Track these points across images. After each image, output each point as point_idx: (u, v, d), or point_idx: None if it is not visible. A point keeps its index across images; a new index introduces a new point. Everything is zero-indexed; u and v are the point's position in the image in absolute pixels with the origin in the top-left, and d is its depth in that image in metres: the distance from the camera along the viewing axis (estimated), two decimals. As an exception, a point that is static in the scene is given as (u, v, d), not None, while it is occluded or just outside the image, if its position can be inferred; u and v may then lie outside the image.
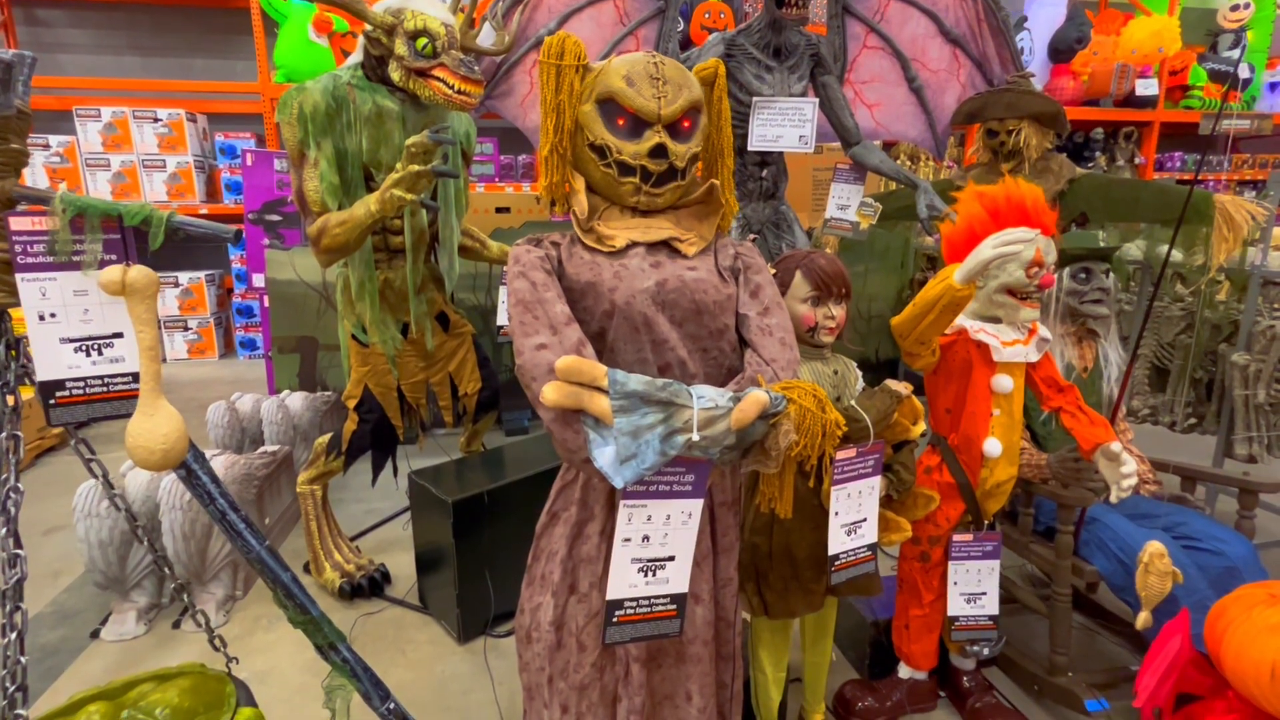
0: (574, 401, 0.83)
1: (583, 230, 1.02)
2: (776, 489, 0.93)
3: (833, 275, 1.28)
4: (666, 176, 1.03)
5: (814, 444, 0.88)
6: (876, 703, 1.65)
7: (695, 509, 0.90)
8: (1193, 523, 1.63)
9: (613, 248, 1.01)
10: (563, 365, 0.84)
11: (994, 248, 1.22)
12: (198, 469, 1.06)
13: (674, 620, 0.91)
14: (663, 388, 0.84)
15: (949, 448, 1.54)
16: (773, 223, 2.71)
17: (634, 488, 0.85)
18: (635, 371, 1.00)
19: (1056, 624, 1.64)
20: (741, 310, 1.06)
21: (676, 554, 0.90)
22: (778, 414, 0.87)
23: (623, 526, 0.87)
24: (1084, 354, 1.85)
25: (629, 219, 1.05)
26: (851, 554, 1.27)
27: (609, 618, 0.88)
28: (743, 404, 0.84)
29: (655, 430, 0.82)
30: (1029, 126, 2.56)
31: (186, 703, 1.05)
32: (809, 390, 0.90)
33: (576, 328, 0.94)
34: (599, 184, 1.04)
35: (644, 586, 0.89)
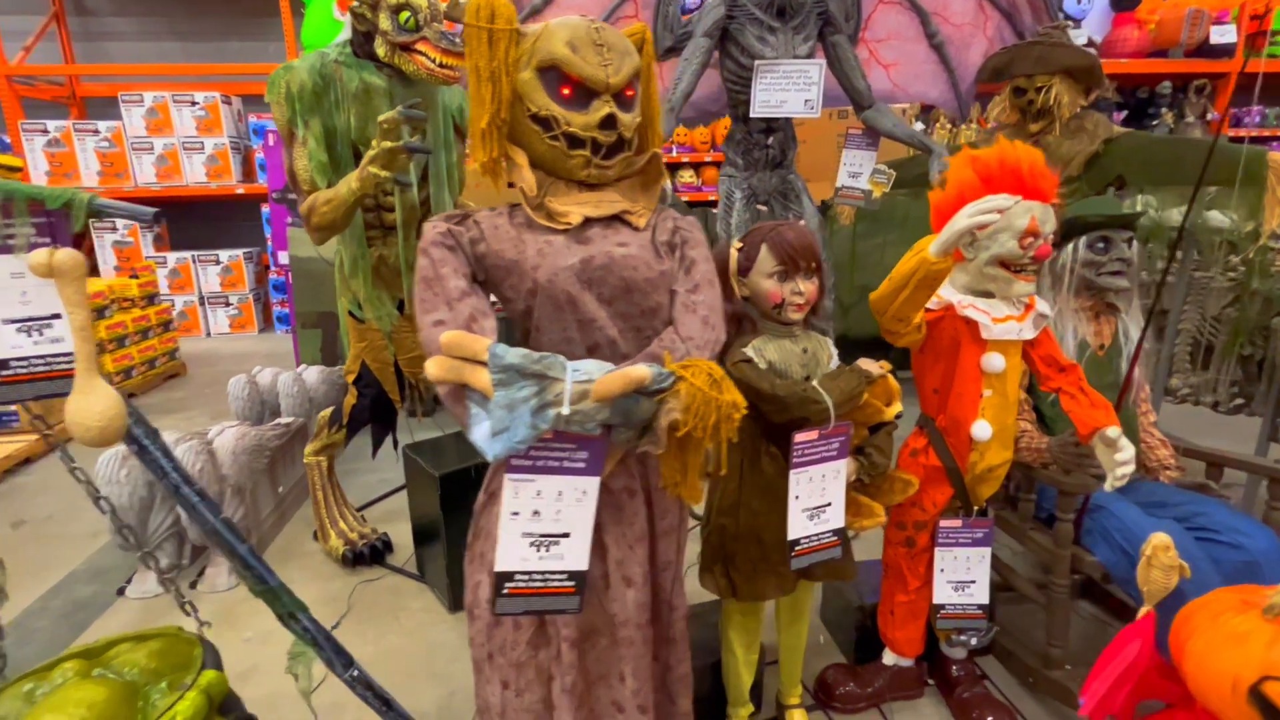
0: (455, 375, 0.81)
1: (533, 208, 0.99)
2: (677, 472, 0.89)
3: (800, 249, 1.21)
4: (615, 148, 0.99)
5: (705, 426, 0.84)
6: (858, 688, 1.61)
7: (590, 487, 0.88)
8: (1213, 513, 1.51)
9: (568, 225, 0.98)
10: (446, 339, 0.82)
11: (969, 216, 1.13)
12: (149, 444, 1.08)
13: (572, 597, 0.90)
14: (538, 360, 0.81)
15: (936, 430, 1.46)
16: (780, 193, 2.61)
17: (520, 462, 0.84)
18: (562, 352, 0.98)
19: (1053, 616, 1.55)
20: (674, 286, 1.02)
21: (572, 531, 0.88)
22: (661, 391, 0.83)
23: (509, 500, 0.86)
24: (1101, 330, 1.71)
25: (578, 194, 1.01)
26: (815, 539, 1.23)
27: (498, 589, 0.87)
28: (607, 377, 0.81)
29: (529, 404, 0.80)
30: (1060, 82, 2.38)
31: (154, 664, 1.09)
32: (704, 369, 0.85)
33: (472, 302, 0.92)
34: (543, 158, 0.99)
35: (536, 561, 0.88)
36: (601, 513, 1.01)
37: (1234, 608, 0.94)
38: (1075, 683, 1.53)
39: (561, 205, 0.98)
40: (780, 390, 1.16)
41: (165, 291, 5.33)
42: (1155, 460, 1.72)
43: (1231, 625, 0.90)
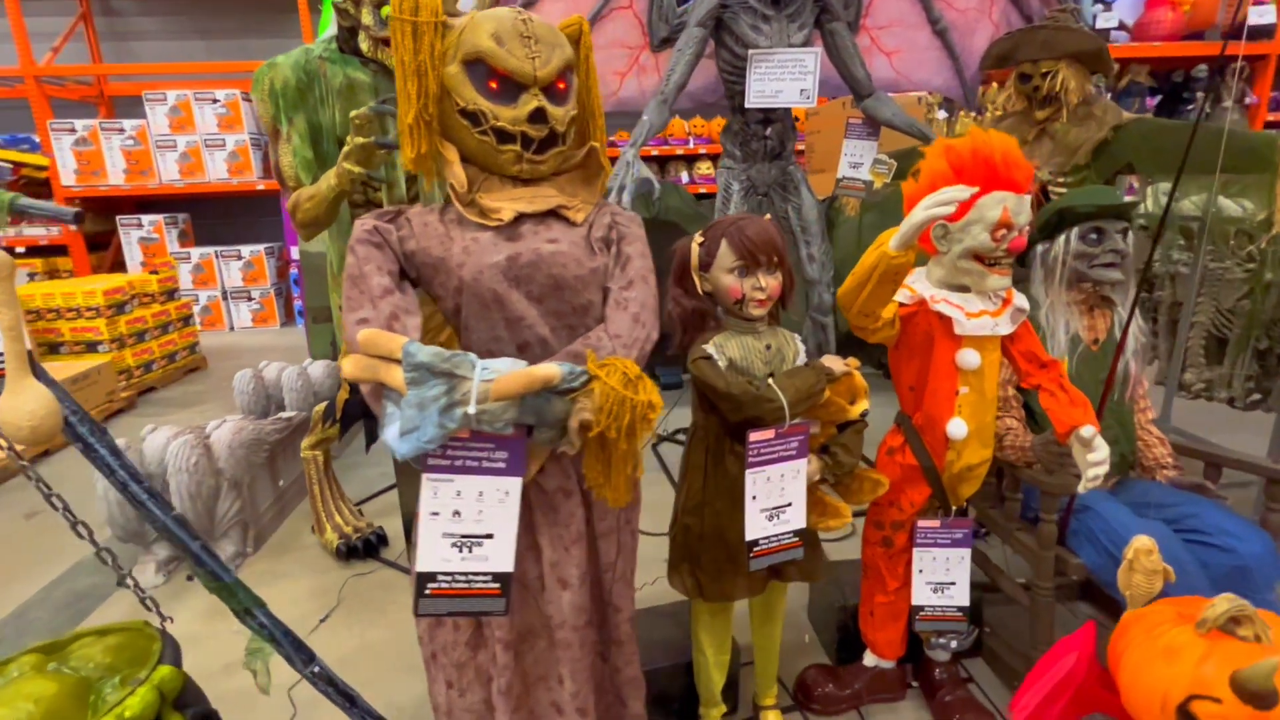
0: (371, 374, 0.82)
1: (464, 205, 0.98)
2: (599, 473, 0.87)
3: (760, 244, 1.19)
4: (548, 142, 0.98)
5: (620, 426, 0.83)
6: (837, 689, 1.59)
7: (512, 488, 0.88)
8: (1205, 514, 1.45)
9: (500, 221, 0.97)
10: (363, 337, 0.83)
11: (925, 209, 1.10)
12: (94, 441, 1.10)
13: (498, 599, 0.89)
14: (448, 358, 0.81)
15: (913, 428, 1.43)
16: (779, 184, 2.57)
17: (437, 462, 0.84)
18: (491, 351, 0.97)
19: (1037, 619, 1.51)
20: (608, 283, 1.00)
21: (495, 532, 0.88)
22: (573, 390, 0.82)
23: (428, 500, 0.85)
24: (1095, 324, 1.65)
25: (511, 189, 1.00)
26: (774, 540, 1.21)
27: (420, 589, 0.87)
28: (506, 376, 0.80)
29: (438, 403, 0.79)
30: (1067, 68, 2.30)
31: (110, 659, 1.11)
32: (620, 368, 0.84)
33: (395, 300, 0.92)
34: (474, 153, 0.99)
35: (459, 562, 0.87)
36: (535, 513, 1.00)
37: (1170, 620, 0.90)
38: (1058, 688, 1.49)
39: (493, 201, 0.97)
40: (734, 389, 1.14)
41: (189, 287, 5.48)
42: (1152, 459, 1.66)
43: (1165, 639, 0.86)
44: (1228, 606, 0.83)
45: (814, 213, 2.57)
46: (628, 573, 1.11)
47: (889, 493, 1.46)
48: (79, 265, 5.27)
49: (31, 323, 3.56)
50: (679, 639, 1.55)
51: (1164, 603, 0.94)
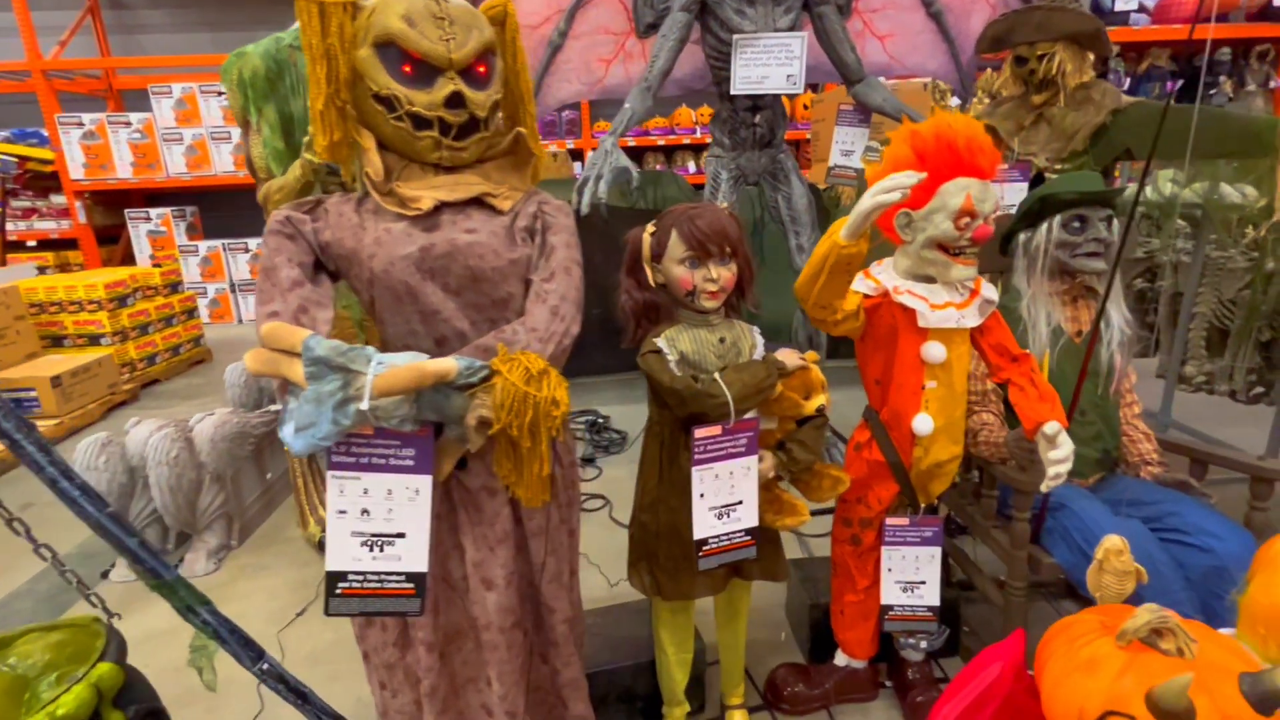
0: (272, 369, 0.80)
1: (381, 194, 0.96)
2: (509, 471, 0.85)
3: (711, 233, 1.15)
4: (468, 128, 0.95)
5: (521, 424, 0.80)
6: (807, 689, 1.56)
7: (423, 485, 0.86)
8: (1186, 513, 1.40)
9: (419, 210, 0.94)
10: (265, 330, 0.81)
11: (872, 196, 1.05)
12: (20, 438, 1.09)
13: (412, 599, 0.87)
14: (344, 352, 0.79)
15: (879, 423, 1.39)
16: (769, 173, 2.52)
17: (341, 459, 0.82)
18: (408, 346, 0.95)
19: (1010, 618, 1.47)
20: (531, 274, 0.98)
21: (407, 531, 0.86)
22: (469, 386, 0.80)
23: (334, 499, 0.84)
24: (1078, 316, 1.59)
25: (433, 177, 0.97)
26: (724, 539, 1.18)
27: (331, 589, 0.86)
28: (392, 371, 0.77)
29: (334, 398, 0.78)
30: (1064, 50, 2.22)
31: (50, 655, 1.11)
32: (523, 363, 0.82)
33: (304, 292, 0.90)
34: (392, 140, 0.95)
35: (370, 561, 0.86)
36: (459, 512, 0.98)
37: (1094, 630, 0.85)
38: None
39: (412, 190, 0.94)
40: (677, 384, 1.11)
41: (197, 280, 5.53)
42: (1136, 455, 1.60)
43: (1087, 650, 0.82)
44: (1148, 618, 0.79)
45: (804, 202, 2.52)
46: (563, 574, 1.09)
47: (856, 489, 1.43)
48: (89, 259, 5.35)
49: (35, 316, 3.61)
50: (645, 636, 1.53)
51: (1091, 611, 0.90)
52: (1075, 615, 0.91)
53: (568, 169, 4.71)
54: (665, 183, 3.82)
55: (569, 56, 2.57)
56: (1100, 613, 0.89)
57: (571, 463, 1.13)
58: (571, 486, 1.12)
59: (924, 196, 1.22)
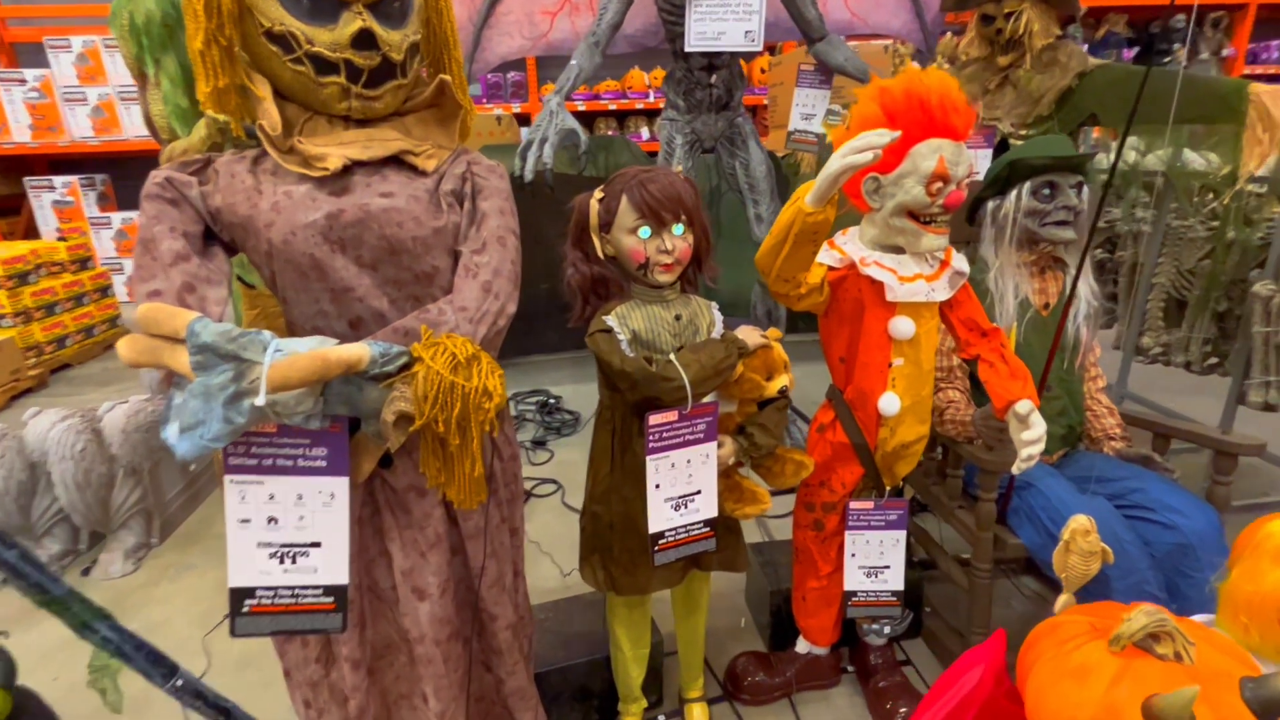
0: (152, 358, 0.67)
1: (280, 151, 0.81)
2: (438, 470, 0.74)
3: (665, 199, 1.04)
4: (381, 74, 0.81)
5: (447, 418, 0.69)
6: (768, 678, 1.50)
7: (339, 489, 0.75)
8: (1150, 489, 1.36)
9: (325, 171, 0.80)
10: (141, 313, 0.68)
11: (841, 158, 0.95)
12: None
13: (333, 615, 0.78)
14: (235, 338, 0.67)
15: (844, 403, 1.31)
16: (727, 138, 2.40)
17: (240, 461, 0.71)
18: (317, 329, 0.82)
19: (975, 601, 1.42)
20: (459, 245, 0.85)
21: (323, 539, 0.76)
22: (386, 376, 0.69)
23: (234, 506, 0.73)
24: (1045, 288, 1.54)
25: (341, 131, 0.83)
26: (682, 531, 1.09)
27: (237, 607, 0.75)
28: (287, 361, 0.66)
29: (225, 391, 0.65)
30: (1031, 9, 2.15)
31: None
32: (449, 349, 0.70)
33: (189, 267, 0.77)
34: (291, 87, 0.81)
35: (281, 575, 0.76)
36: (385, 515, 0.87)
37: (1084, 633, 0.79)
38: (995, 673, 1.42)
39: (317, 147, 0.81)
40: (628, 366, 1.01)
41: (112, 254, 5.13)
42: (1100, 430, 1.57)
43: (1077, 656, 0.76)
44: (1145, 621, 0.72)
45: (763, 169, 2.41)
46: (505, 577, 0.99)
47: (819, 473, 1.36)
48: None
49: (-72, 294, 3.28)
50: (599, 630, 1.44)
51: (1079, 610, 0.84)
52: (1063, 615, 0.85)
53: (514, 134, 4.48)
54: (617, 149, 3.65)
55: (509, 8, 2.38)
56: (1090, 613, 0.83)
57: (513, 455, 1.02)
58: (514, 481, 1.02)
59: (893, 159, 1.13)
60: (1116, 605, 0.80)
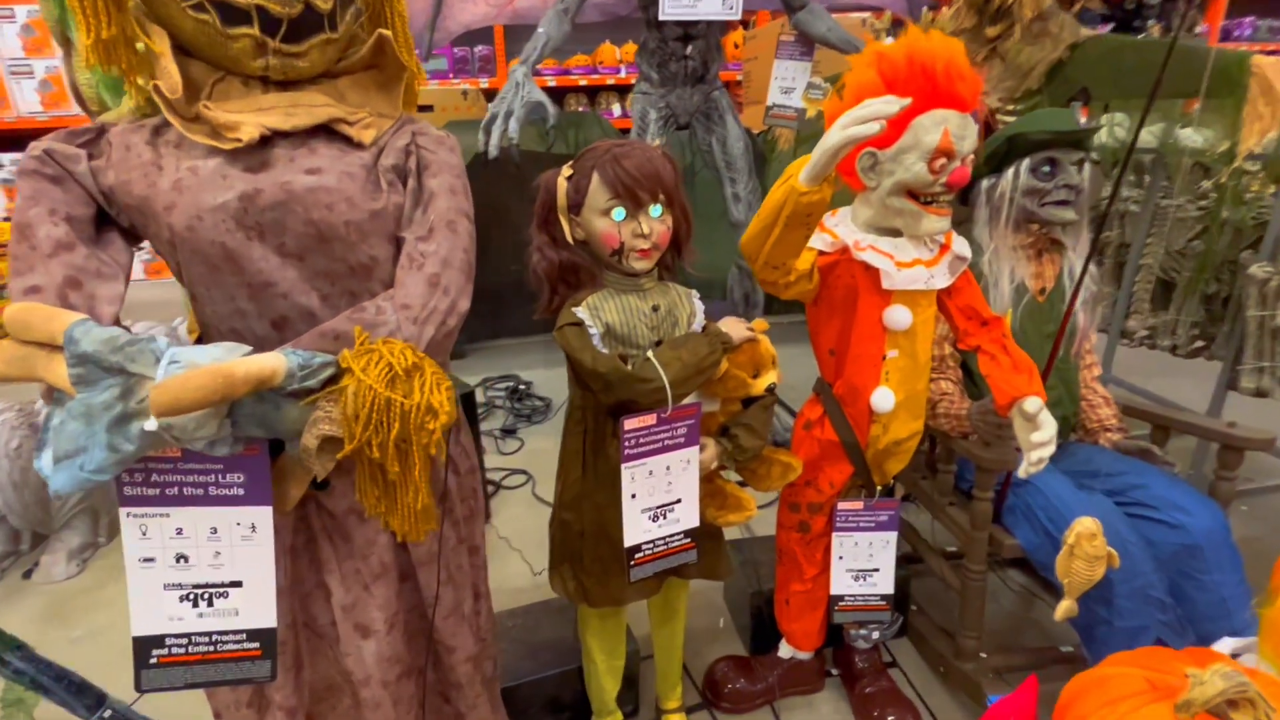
0: (24, 370, 0.56)
1: (183, 118, 0.68)
2: (375, 498, 0.63)
3: (641, 176, 0.92)
4: (306, 25, 0.68)
5: (383, 442, 0.59)
6: (749, 684, 1.43)
7: (260, 519, 0.65)
8: (1151, 485, 1.30)
9: (238, 142, 0.67)
10: (9, 315, 0.57)
11: (842, 129, 0.84)
12: None
13: (260, 662, 0.68)
14: (122, 346, 0.56)
15: (833, 398, 1.22)
16: (703, 113, 2.27)
17: (137, 490, 0.60)
18: (235, 331, 0.70)
19: (967, 603, 1.36)
20: (403, 230, 0.73)
21: (244, 578, 0.66)
22: (309, 392, 0.58)
23: (134, 543, 0.62)
24: (1043, 272, 1.46)
25: (260, 95, 0.70)
26: (660, 544, 0.99)
27: (143, 658, 0.65)
28: (175, 380, 0.54)
29: (110, 412, 0.54)
30: (1023, -25, 2.03)
31: None
32: (385, 358, 0.59)
33: (72, 259, 0.65)
34: (195, 41, 0.68)
35: (196, 620, 0.66)
36: (321, 544, 0.76)
37: (1139, 693, 0.70)
38: (988, 677, 1.36)
39: (229, 114, 0.67)
40: (600, 366, 0.90)
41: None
42: (1096, 420, 1.50)
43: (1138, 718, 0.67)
44: (1223, 686, 0.63)
45: (740, 145, 2.29)
46: (463, 604, 0.88)
47: (806, 472, 1.27)
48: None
49: None
50: (571, 638, 1.35)
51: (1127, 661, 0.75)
52: (1112, 670, 0.75)
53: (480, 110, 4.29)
54: (588, 125, 3.50)
55: (474, -30, 2.22)
56: (1142, 665, 0.74)
57: (470, 468, 0.91)
58: (472, 496, 0.91)
59: (893, 133, 1.02)
60: (1168, 653, 0.71)
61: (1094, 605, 1.22)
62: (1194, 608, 1.20)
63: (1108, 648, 1.22)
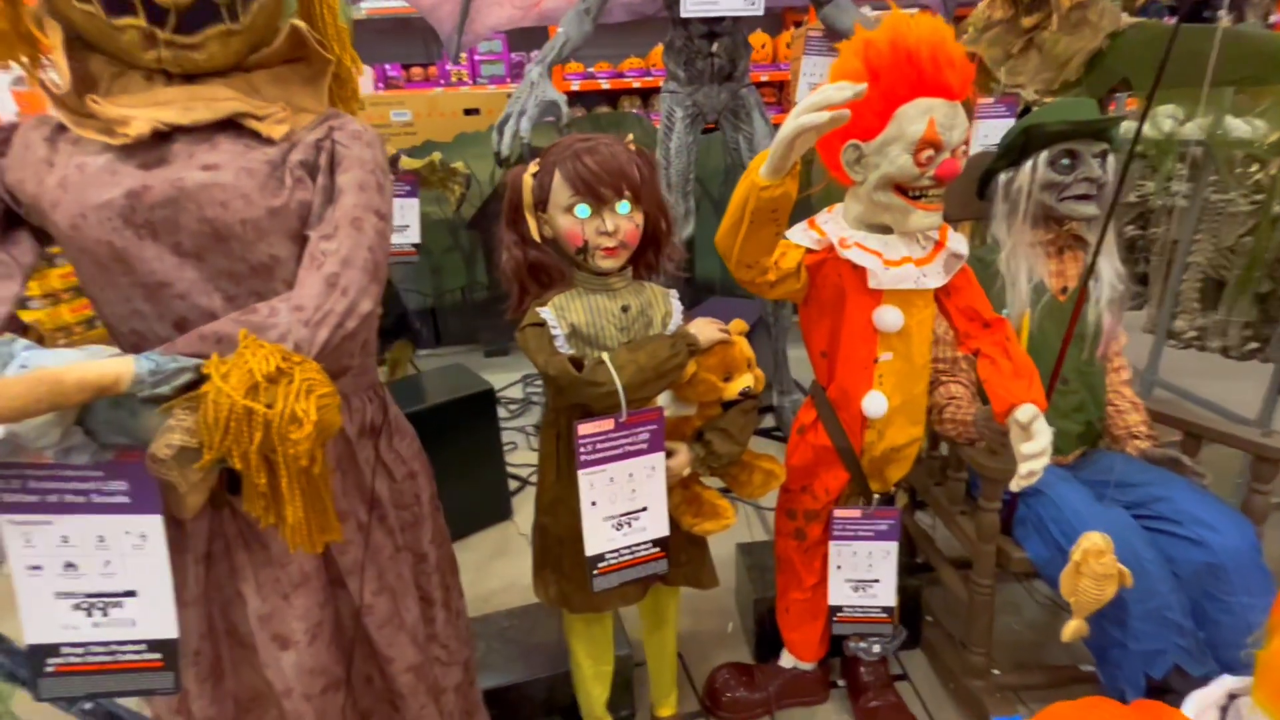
0: None
1: (72, 112, 0.67)
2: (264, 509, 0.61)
3: (603, 172, 0.90)
4: (200, 15, 0.66)
5: (245, 452, 0.57)
6: (748, 693, 1.39)
7: (150, 528, 0.63)
8: (1177, 498, 1.21)
9: (125, 137, 0.66)
10: None
11: (794, 119, 0.81)
12: None
13: (163, 673, 0.67)
14: None
15: (826, 402, 1.17)
16: (730, 110, 2.24)
17: (17, 499, 0.59)
18: (137, 333, 0.70)
19: (974, 618, 1.29)
20: (309, 228, 0.71)
21: (139, 588, 0.65)
22: (158, 399, 0.56)
23: (19, 551, 0.61)
24: (1064, 270, 1.37)
25: (161, 89, 0.69)
26: (626, 552, 0.97)
27: (38, 667, 0.64)
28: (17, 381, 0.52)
29: None
30: (1058, -38, 1.94)
31: None
32: (246, 364, 0.57)
33: None
34: (89, 34, 0.67)
35: (91, 629, 0.65)
36: (236, 552, 0.75)
37: None
38: (993, 697, 1.29)
39: (120, 109, 0.66)
40: (550, 368, 0.89)
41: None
42: (1123, 427, 1.40)
43: None
44: None
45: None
46: (403, 614, 0.86)
47: (801, 478, 1.23)
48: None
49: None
50: (557, 644, 1.34)
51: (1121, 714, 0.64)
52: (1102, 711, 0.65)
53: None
54: (628, 125, 3.49)
55: (497, -27, 2.24)
56: None
57: (409, 474, 0.89)
58: (416, 502, 0.89)
59: (877, 123, 0.98)
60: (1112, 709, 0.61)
61: (1107, 626, 1.14)
62: (1217, 632, 1.10)
63: (1122, 671, 1.14)
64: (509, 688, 1.30)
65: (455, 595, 1.03)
